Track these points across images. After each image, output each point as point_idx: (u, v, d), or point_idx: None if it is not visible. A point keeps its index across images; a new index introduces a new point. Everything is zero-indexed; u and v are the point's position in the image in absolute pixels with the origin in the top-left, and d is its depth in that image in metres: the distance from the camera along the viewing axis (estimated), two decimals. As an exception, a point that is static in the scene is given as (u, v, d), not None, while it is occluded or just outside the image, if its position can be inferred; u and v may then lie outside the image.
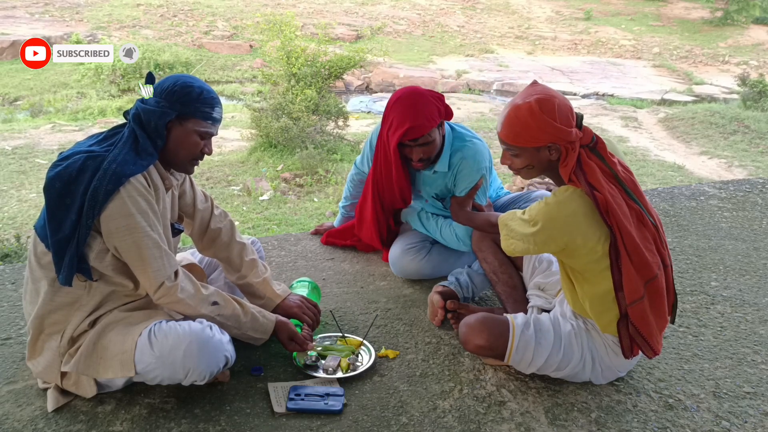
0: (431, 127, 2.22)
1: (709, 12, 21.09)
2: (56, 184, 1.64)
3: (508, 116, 1.73)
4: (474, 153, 2.34)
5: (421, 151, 2.26)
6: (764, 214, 3.42)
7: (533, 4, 22.44)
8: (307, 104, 9.21)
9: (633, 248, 1.68)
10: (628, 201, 1.71)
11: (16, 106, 12.68)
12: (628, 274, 1.69)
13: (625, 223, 1.67)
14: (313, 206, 7.34)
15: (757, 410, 1.83)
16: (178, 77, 1.78)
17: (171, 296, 1.71)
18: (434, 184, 2.44)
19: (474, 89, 14.75)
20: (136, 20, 17.66)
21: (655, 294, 1.73)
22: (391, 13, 20.47)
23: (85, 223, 1.63)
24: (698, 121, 11.31)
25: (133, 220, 1.65)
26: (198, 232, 2.05)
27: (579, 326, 1.84)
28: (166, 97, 1.74)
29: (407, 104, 2.23)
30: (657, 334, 1.77)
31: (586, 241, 1.69)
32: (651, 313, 1.74)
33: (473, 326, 1.86)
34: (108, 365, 1.67)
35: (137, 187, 1.67)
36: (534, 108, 1.68)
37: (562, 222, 1.69)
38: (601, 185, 1.67)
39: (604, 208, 1.66)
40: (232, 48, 16.65)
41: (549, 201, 1.72)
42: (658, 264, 1.73)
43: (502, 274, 2.14)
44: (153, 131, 1.73)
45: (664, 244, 1.77)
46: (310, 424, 1.71)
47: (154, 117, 1.72)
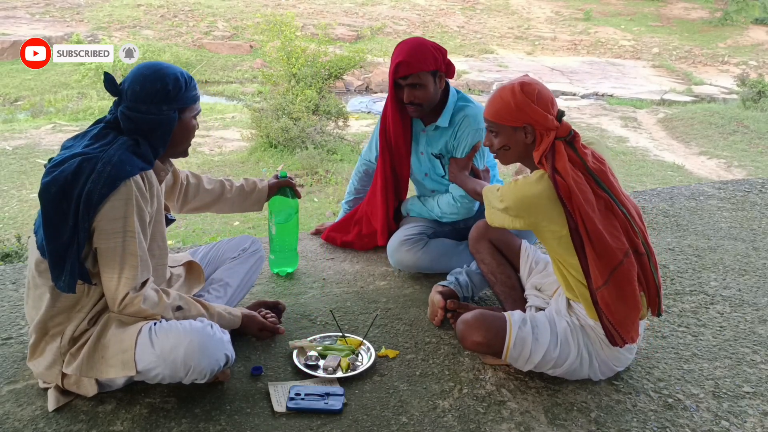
0: (421, 68, 2.30)
1: (709, 12, 21.10)
2: (52, 188, 1.60)
3: (493, 95, 1.85)
4: (476, 113, 2.42)
5: (411, 94, 2.34)
6: (763, 214, 3.43)
7: (533, 5, 22.44)
8: (307, 104, 9.22)
9: (595, 234, 1.73)
10: (596, 189, 1.77)
11: (16, 106, 12.69)
12: (592, 260, 1.75)
13: (587, 209, 1.73)
14: (313, 206, 7.35)
15: (756, 410, 1.83)
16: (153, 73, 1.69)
17: (134, 306, 1.67)
18: (435, 142, 2.51)
19: (474, 89, 14.76)
20: (136, 21, 17.67)
21: (621, 281, 1.76)
22: (391, 14, 20.47)
23: (83, 226, 1.60)
24: (697, 122, 11.32)
25: (124, 224, 1.63)
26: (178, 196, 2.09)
27: (573, 323, 1.86)
28: (163, 100, 1.68)
29: (405, 44, 2.35)
30: (628, 323, 1.79)
31: (549, 223, 1.78)
32: (618, 301, 1.76)
33: (470, 323, 1.87)
34: (110, 365, 1.67)
35: (132, 190, 1.63)
36: (516, 88, 1.79)
37: (527, 203, 1.79)
38: (566, 172, 1.73)
39: (565, 193, 1.73)
40: (233, 48, 16.66)
41: (518, 182, 1.82)
42: (624, 250, 1.76)
43: (500, 274, 2.16)
44: (159, 139, 1.71)
45: (636, 233, 1.80)
46: (310, 423, 1.71)
47: (162, 126, 1.70)
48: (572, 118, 11.85)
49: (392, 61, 2.35)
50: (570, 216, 1.74)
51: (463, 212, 2.52)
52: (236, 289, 2.15)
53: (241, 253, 2.22)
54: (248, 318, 2.01)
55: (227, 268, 2.18)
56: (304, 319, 2.25)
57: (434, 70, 2.33)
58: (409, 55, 2.29)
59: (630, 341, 1.81)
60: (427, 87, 2.34)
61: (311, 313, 2.29)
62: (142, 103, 1.67)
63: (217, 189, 2.22)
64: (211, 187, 2.19)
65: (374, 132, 2.71)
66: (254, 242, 2.27)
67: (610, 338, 1.80)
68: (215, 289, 2.10)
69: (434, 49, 2.33)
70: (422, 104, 2.37)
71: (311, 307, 2.33)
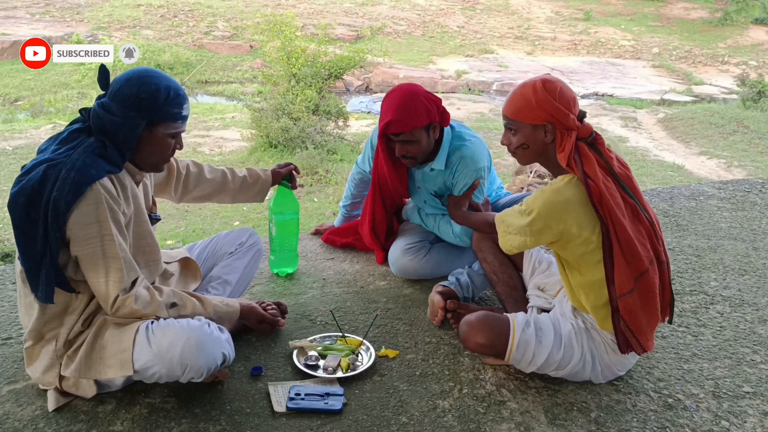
0: (414, 126, 2.20)
1: (709, 12, 21.09)
2: (20, 198, 1.57)
3: (514, 92, 1.81)
4: (472, 152, 2.34)
5: (403, 149, 2.27)
6: (763, 214, 3.43)
7: (533, 5, 22.44)
8: (307, 104, 9.22)
9: (625, 240, 1.70)
10: (623, 194, 1.74)
11: (16, 106, 12.68)
12: (619, 267, 1.71)
13: (619, 214, 1.70)
14: (313, 206, 7.34)
15: (756, 410, 1.83)
16: (138, 78, 1.65)
17: (126, 308, 1.65)
18: (433, 181, 2.45)
19: (474, 89, 14.75)
20: (136, 21, 17.67)
21: (645, 289, 1.74)
22: (391, 14, 20.47)
23: (53, 236, 1.56)
24: (698, 122, 11.32)
25: (99, 228, 1.59)
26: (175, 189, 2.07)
27: (578, 325, 1.85)
28: (132, 105, 1.62)
29: (396, 98, 2.23)
30: (647, 331, 1.78)
31: (580, 230, 1.72)
32: (641, 309, 1.75)
33: (474, 324, 1.87)
34: (108, 365, 1.66)
35: (100, 193, 1.59)
36: (537, 85, 1.76)
37: (558, 209, 1.72)
38: (596, 175, 1.70)
39: (597, 197, 1.69)
40: (233, 48, 16.65)
41: (545, 189, 1.76)
42: (650, 258, 1.74)
43: (502, 274, 2.15)
44: (122, 143, 1.65)
45: (659, 240, 1.78)
46: (310, 423, 1.71)
47: (123, 130, 1.63)
48: (572, 118, 11.85)
49: (382, 116, 2.24)
50: (602, 221, 1.69)
51: (467, 241, 2.42)
52: (235, 285, 2.15)
53: (238, 248, 2.20)
54: (247, 309, 1.98)
55: (225, 264, 2.16)
56: (304, 319, 2.25)
57: (427, 124, 2.23)
58: (399, 113, 2.18)
59: (649, 349, 1.80)
60: (420, 142, 2.24)
61: (311, 313, 2.29)
62: (114, 103, 1.63)
63: (219, 179, 2.18)
64: (212, 177, 2.16)
65: (368, 142, 2.60)
66: (252, 235, 2.25)
67: (626, 346, 1.78)
68: (214, 287, 2.10)
69: (427, 100, 2.22)
70: (415, 157, 2.30)
71: (311, 307, 2.33)
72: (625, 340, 1.78)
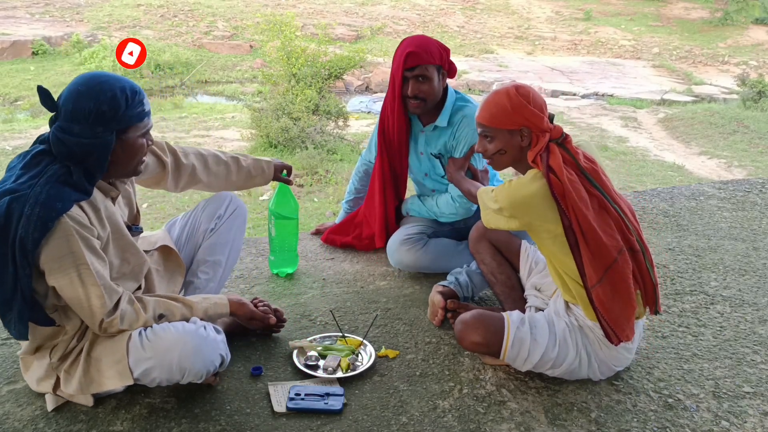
0: (429, 61, 2.34)
1: (709, 12, 21.09)
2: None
3: (487, 100, 1.85)
4: (474, 112, 2.39)
5: (417, 87, 2.37)
6: (764, 214, 3.42)
7: (533, 5, 22.44)
8: (307, 104, 9.21)
9: (589, 232, 1.74)
10: (588, 187, 1.78)
11: (16, 106, 12.68)
12: (586, 258, 1.75)
13: (582, 207, 1.73)
14: (313, 206, 7.34)
15: (756, 410, 1.83)
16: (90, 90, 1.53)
17: (113, 328, 1.62)
18: (435, 142, 2.52)
19: (474, 89, 14.75)
20: (136, 20, 17.67)
21: (615, 279, 1.77)
22: (391, 14, 20.47)
23: (23, 273, 1.50)
24: (698, 122, 11.32)
25: (74, 259, 1.53)
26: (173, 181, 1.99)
27: (572, 323, 1.86)
28: (96, 121, 1.52)
29: (412, 38, 2.42)
30: (622, 321, 1.79)
31: (543, 222, 1.78)
32: (613, 299, 1.77)
33: (469, 323, 1.87)
34: (106, 376, 1.65)
35: (69, 226, 1.52)
36: (511, 91, 1.81)
37: (521, 202, 1.79)
38: (560, 170, 1.74)
39: (559, 191, 1.73)
40: (233, 48, 16.66)
41: (512, 182, 1.82)
42: (619, 248, 1.77)
43: (500, 275, 2.16)
44: (94, 164, 1.56)
45: (631, 230, 1.81)
46: (310, 423, 1.71)
47: (96, 150, 1.54)
48: (572, 118, 11.86)
49: (399, 52, 2.38)
50: (564, 214, 1.74)
51: (462, 212, 2.52)
52: (226, 263, 2.09)
53: (217, 222, 2.09)
54: (237, 305, 1.89)
55: (209, 244, 2.07)
56: (304, 319, 2.25)
57: (439, 65, 2.38)
58: (418, 46, 2.34)
59: (625, 339, 1.81)
60: (432, 81, 2.36)
61: (311, 313, 2.29)
62: (75, 124, 1.52)
63: (222, 173, 2.10)
64: (216, 170, 2.09)
65: (374, 133, 2.72)
66: (231, 202, 2.13)
67: (607, 337, 1.80)
68: (204, 272, 2.05)
69: (439, 46, 2.39)
70: (426, 99, 2.39)
71: (311, 307, 2.33)
72: (605, 332, 1.80)
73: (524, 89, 1.81)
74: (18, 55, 14.98)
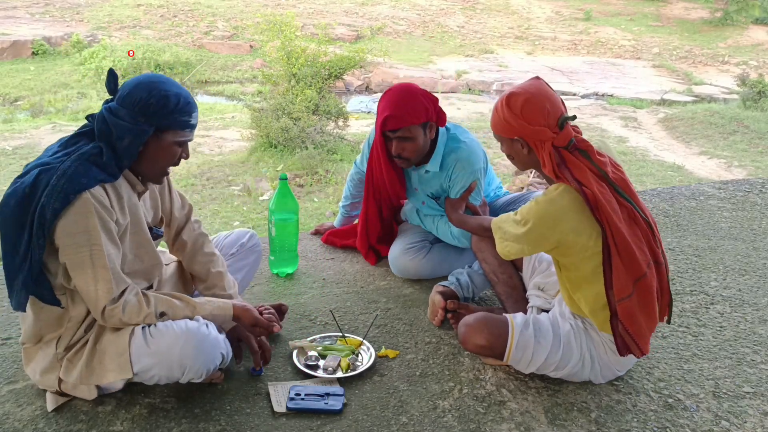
0: (411, 122, 2.21)
1: (709, 12, 21.09)
2: (11, 201, 1.54)
3: (495, 105, 1.83)
4: (468, 154, 2.34)
5: (400, 146, 2.26)
6: (764, 214, 3.42)
7: (533, 5, 22.44)
8: (307, 104, 9.22)
9: (623, 244, 1.70)
10: (618, 199, 1.73)
11: (16, 106, 12.68)
12: (618, 271, 1.70)
13: (615, 219, 1.69)
14: (313, 206, 7.34)
15: (756, 410, 1.83)
16: (148, 83, 1.62)
17: (114, 317, 1.61)
18: (429, 183, 2.44)
19: (474, 89, 14.75)
20: (136, 20, 17.67)
21: (644, 293, 1.74)
22: (391, 14, 20.47)
23: (37, 243, 1.52)
24: (698, 122, 11.32)
25: (88, 237, 1.55)
26: (171, 238, 1.98)
27: (578, 326, 1.85)
28: (141, 111, 1.59)
29: (393, 95, 2.26)
30: (646, 334, 1.78)
31: (577, 237, 1.71)
32: (639, 312, 1.75)
33: (473, 326, 1.87)
34: (108, 369, 1.66)
35: (89, 202, 1.54)
36: (502, 101, 1.78)
37: (552, 219, 1.71)
38: (588, 182, 1.69)
39: (594, 203, 1.67)
40: (233, 48, 16.66)
41: (539, 199, 1.75)
42: (648, 262, 1.74)
43: (502, 274, 2.15)
44: (124, 150, 1.61)
45: (657, 242, 1.78)
46: (310, 423, 1.71)
47: (130, 136, 1.59)
48: (572, 118, 11.84)
49: (379, 112, 2.26)
50: (601, 226, 1.68)
51: (465, 243, 2.43)
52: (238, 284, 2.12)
53: (238, 249, 2.18)
54: (241, 310, 1.83)
55: (228, 264, 2.13)
56: (304, 319, 2.25)
57: (425, 122, 2.24)
58: (396, 108, 2.20)
59: (647, 352, 1.80)
60: (417, 140, 2.25)
61: (311, 313, 2.29)
62: (123, 107, 1.60)
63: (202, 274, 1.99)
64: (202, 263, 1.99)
65: (366, 141, 2.58)
66: (252, 237, 2.22)
67: (625, 349, 1.77)
68: None
69: (425, 98, 2.24)
70: (410, 158, 2.30)
71: (311, 307, 2.33)
72: (623, 344, 1.77)
73: (514, 99, 1.75)
74: (18, 55, 14.98)
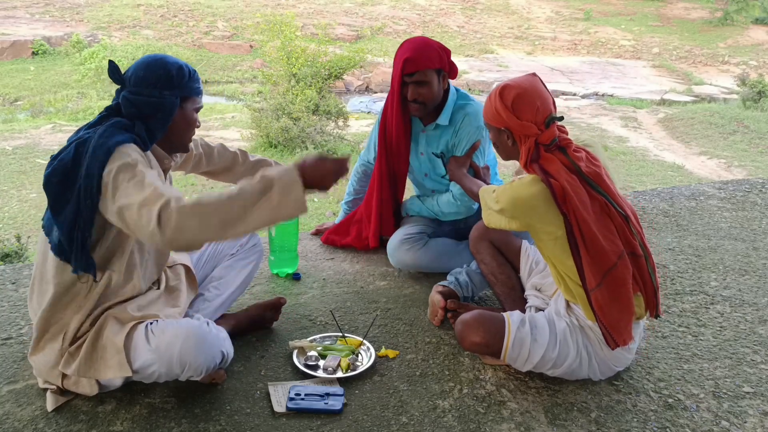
0: (427, 66, 2.32)
1: (709, 12, 21.09)
2: (53, 179, 1.61)
3: (489, 93, 1.88)
4: (476, 111, 2.43)
5: (416, 91, 2.36)
6: (764, 214, 3.43)
7: (533, 5, 22.44)
8: (307, 104, 9.22)
9: (589, 236, 1.73)
10: (590, 191, 1.77)
11: (16, 106, 12.69)
12: (585, 262, 1.75)
13: (582, 210, 1.73)
14: (313, 206, 7.34)
15: (756, 410, 1.83)
16: (158, 60, 1.71)
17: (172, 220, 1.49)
18: (436, 142, 2.52)
19: (474, 89, 14.75)
20: (136, 20, 17.67)
21: (615, 284, 1.76)
22: (391, 14, 20.47)
23: (85, 204, 1.57)
24: (698, 122, 11.32)
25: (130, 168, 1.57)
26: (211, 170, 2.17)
27: (573, 323, 1.86)
28: (165, 85, 1.69)
29: (411, 42, 2.39)
30: (620, 326, 1.79)
31: (544, 225, 1.78)
32: (611, 304, 1.76)
33: (469, 323, 1.87)
34: (108, 365, 1.67)
35: (130, 147, 1.62)
36: (496, 92, 1.82)
37: (522, 204, 1.79)
38: (558, 174, 1.74)
39: (560, 194, 1.73)
40: (232, 48, 16.66)
41: (513, 183, 1.83)
42: (619, 253, 1.76)
43: (500, 275, 2.16)
44: (158, 123, 1.70)
45: (634, 235, 1.80)
46: (310, 423, 1.71)
47: (163, 109, 1.70)
48: (572, 117, 11.85)
49: (398, 57, 2.37)
50: (565, 217, 1.74)
51: (464, 210, 2.52)
52: (235, 288, 2.13)
53: (239, 249, 2.18)
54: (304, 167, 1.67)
55: (226, 266, 2.15)
56: (304, 319, 2.25)
57: (439, 68, 2.36)
58: (416, 52, 2.32)
59: (622, 344, 1.80)
60: (432, 85, 2.35)
61: (311, 313, 2.29)
62: (144, 87, 1.68)
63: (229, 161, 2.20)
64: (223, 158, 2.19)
65: (372, 133, 2.72)
66: (252, 236, 2.21)
67: (606, 340, 1.80)
68: (214, 287, 2.08)
69: (439, 48, 2.37)
70: (426, 103, 2.39)
71: (311, 307, 2.33)
72: (603, 335, 1.80)
73: (508, 91, 1.80)
74: (18, 55, 14.98)
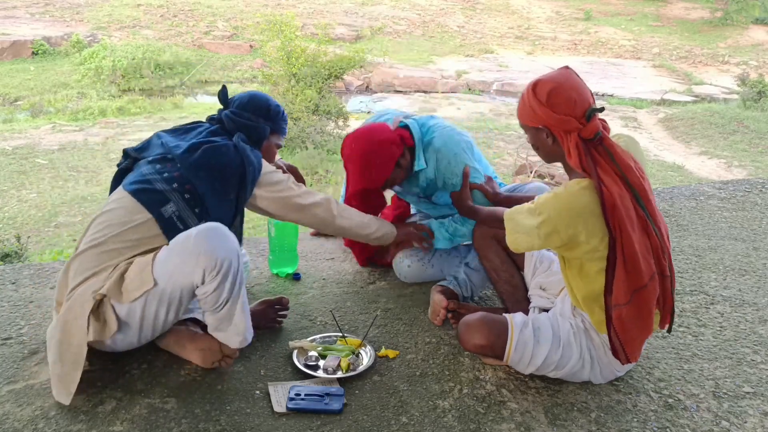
0: (385, 178, 2.23)
1: (709, 12, 21.11)
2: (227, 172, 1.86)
3: (521, 93, 1.79)
4: (442, 142, 2.27)
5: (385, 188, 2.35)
6: (764, 214, 3.43)
7: (533, 5, 22.45)
8: (308, 104, 9.23)
9: (630, 254, 1.66)
10: (636, 207, 1.69)
11: (16, 106, 12.70)
12: (619, 279, 1.68)
13: (628, 227, 1.65)
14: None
15: (756, 410, 1.83)
16: (262, 96, 2.08)
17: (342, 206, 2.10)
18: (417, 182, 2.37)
19: (474, 89, 14.77)
20: (136, 20, 17.68)
21: (641, 303, 1.72)
22: (391, 14, 20.48)
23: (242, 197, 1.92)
24: (698, 122, 11.33)
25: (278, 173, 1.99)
26: None
27: (578, 325, 1.85)
28: (263, 114, 2.04)
29: (356, 160, 2.23)
30: (636, 343, 1.77)
31: (589, 238, 1.68)
32: (634, 321, 1.73)
33: (472, 325, 1.86)
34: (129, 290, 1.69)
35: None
36: (529, 88, 1.74)
37: (568, 215, 1.67)
38: (610, 183, 1.65)
39: (610, 207, 1.63)
40: (233, 48, 16.67)
41: (559, 192, 1.70)
42: (652, 274, 1.71)
43: (504, 273, 2.12)
44: (254, 145, 1.99)
45: (665, 255, 1.75)
46: (310, 424, 1.71)
47: (257, 133, 2.01)
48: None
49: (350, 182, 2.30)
50: (610, 232, 1.65)
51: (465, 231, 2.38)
52: None
53: None
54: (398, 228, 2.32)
55: None
56: (304, 319, 2.25)
57: (394, 168, 2.23)
58: (366, 175, 2.22)
59: (633, 360, 1.79)
60: (398, 177, 2.28)
61: (311, 313, 2.29)
62: (245, 111, 2.02)
63: None
64: None
65: None
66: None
67: (614, 352, 1.78)
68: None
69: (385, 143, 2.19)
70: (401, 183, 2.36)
71: (311, 307, 2.33)
72: (613, 347, 1.77)
73: (542, 86, 1.70)
74: (18, 55, 14.99)
